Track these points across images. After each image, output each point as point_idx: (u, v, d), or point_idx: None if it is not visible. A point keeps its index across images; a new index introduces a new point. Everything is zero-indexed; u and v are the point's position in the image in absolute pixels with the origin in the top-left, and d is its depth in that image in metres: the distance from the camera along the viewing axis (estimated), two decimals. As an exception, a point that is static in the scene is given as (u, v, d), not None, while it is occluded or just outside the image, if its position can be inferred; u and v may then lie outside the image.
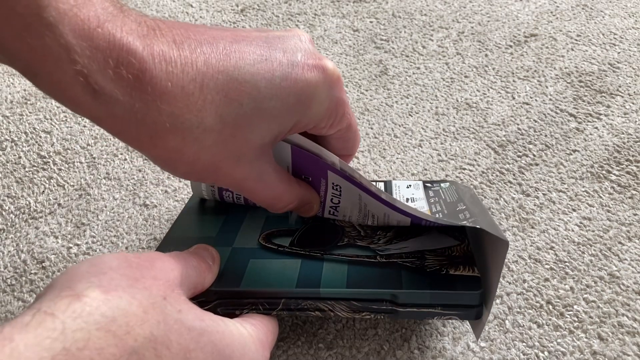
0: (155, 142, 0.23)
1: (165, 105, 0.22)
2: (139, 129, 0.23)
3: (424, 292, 0.27)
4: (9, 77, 0.58)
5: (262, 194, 0.28)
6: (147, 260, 0.23)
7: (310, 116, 0.26)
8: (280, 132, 0.26)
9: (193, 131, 0.23)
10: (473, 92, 0.52)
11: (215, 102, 0.23)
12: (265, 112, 0.24)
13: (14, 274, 0.38)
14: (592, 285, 0.34)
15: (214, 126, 0.23)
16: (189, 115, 0.23)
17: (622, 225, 0.38)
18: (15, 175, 0.46)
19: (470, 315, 0.28)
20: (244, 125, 0.24)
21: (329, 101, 0.26)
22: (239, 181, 0.27)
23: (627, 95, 0.50)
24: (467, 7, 0.65)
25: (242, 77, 0.24)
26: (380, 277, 0.28)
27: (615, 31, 0.58)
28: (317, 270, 0.29)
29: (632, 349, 0.31)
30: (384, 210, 0.31)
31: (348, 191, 0.31)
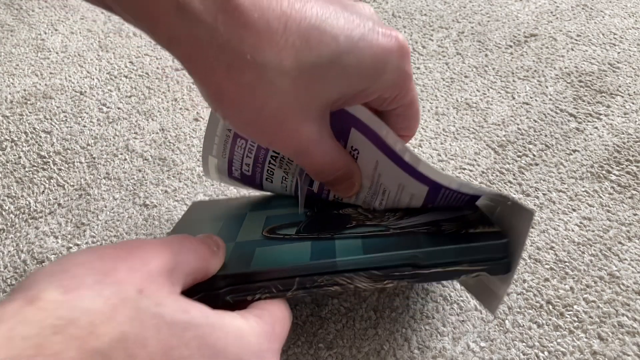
0: (230, 74, 0.22)
1: (249, 36, 0.21)
2: (217, 56, 0.22)
3: (448, 249, 0.26)
4: (8, 77, 0.58)
5: (318, 158, 0.27)
6: (125, 249, 0.21)
7: (379, 84, 0.25)
8: (348, 94, 0.25)
9: (270, 71, 0.22)
10: (473, 92, 0.52)
11: (296, 46, 0.22)
12: (340, 68, 0.24)
13: (13, 274, 0.38)
14: (592, 285, 0.34)
15: (291, 71, 0.23)
16: (270, 52, 0.22)
17: (622, 225, 0.38)
18: (15, 175, 0.46)
19: (499, 268, 0.26)
20: (319, 77, 0.23)
21: (399, 71, 0.25)
22: (300, 141, 0.25)
23: (627, 95, 0.50)
24: (467, 7, 0.65)
25: (324, 27, 0.23)
26: (398, 244, 0.26)
27: (615, 31, 0.58)
28: (330, 247, 0.27)
29: (632, 349, 0.31)
30: (399, 181, 0.30)
31: (365, 157, 0.29)
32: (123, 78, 0.57)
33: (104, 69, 0.59)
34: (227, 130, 0.33)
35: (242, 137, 0.33)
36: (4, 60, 0.61)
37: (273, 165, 0.33)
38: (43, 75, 0.58)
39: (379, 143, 0.28)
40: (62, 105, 0.54)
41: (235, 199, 0.39)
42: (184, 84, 0.56)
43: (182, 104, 0.53)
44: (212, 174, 0.35)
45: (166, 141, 0.48)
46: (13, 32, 0.66)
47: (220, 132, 0.33)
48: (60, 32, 0.65)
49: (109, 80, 0.57)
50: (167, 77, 0.57)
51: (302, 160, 0.27)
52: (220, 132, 0.33)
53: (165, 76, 0.57)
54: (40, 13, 0.69)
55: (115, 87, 0.56)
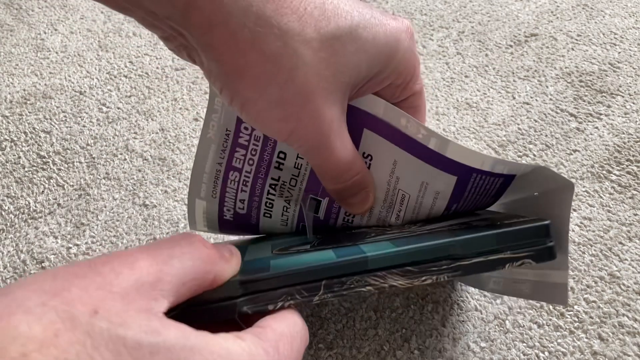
0: (254, 42, 0.21)
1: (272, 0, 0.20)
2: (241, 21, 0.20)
3: (487, 234, 0.23)
4: (8, 77, 0.58)
5: (337, 153, 0.25)
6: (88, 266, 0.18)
7: (392, 68, 0.25)
8: (364, 77, 0.24)
9: (294, 39, 0.21)
10: (473, 92, 0.52)
11: (315, 15, 0.22)
12: (358, 43, 0.23)
13: (13, 274, 0.38)
14: (592, 285, 0.34)
15: (313, 41, 0.22)
16: (292, 18, 0.21)
17: (623, 226, 0.38)
18: (14, 175, 0.46)
19: (545, 253, 0.24)
20: (339, 50, 0.23)
21: (410, 54, 0.25)
22: (323, 126, 0.24)
23: (628, 95, 0.49)
24: (467, 7, 0.65)
25: (336, 5, 0.23)
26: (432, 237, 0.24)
27: (615, 31, 0.58)
28: (356, 247, 0.24)
29: (632, 349, 0.31)
30: (422, 178, 0.27)
31: (380, 161, 0.28)
32: (123, 78, 0.57)
33: (104, 69, 0.59)
34: (217, 165, 0.30)
35: (235, 170, 0.30)
36: (3, 60, 0.61)
37: (272, 195, 0.31)
38: (43, 75, 0.58)
39: (397, 137, 0.27)
40: (62, 105, 0.54)
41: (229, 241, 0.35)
42: (184, 84, 0.55)
43: (182, 104, 0.53)
44: (199, 224, 0.33)
45: (166, 141, 0.48)
46: (13, 31, 0.66)
47: (210, 168, 0.30)
48: (60, 32, 0.65)
49: (109, 80, 0.57)
50: (167, 77, 0.57)
51: (321, 156, 0.25)
52: (210, 169, 0.30)
53: (165, 76, 0.57)
54: (39, 13, 0.69)
55: (114, 87, 0.56)
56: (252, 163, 0.30)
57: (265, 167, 0.30)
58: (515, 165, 0.25)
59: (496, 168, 0.26)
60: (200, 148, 0.30)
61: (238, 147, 0.30)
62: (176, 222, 0.41)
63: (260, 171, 0.30)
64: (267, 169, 0.30)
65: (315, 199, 0.31)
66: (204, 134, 0.30)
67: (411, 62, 0.25)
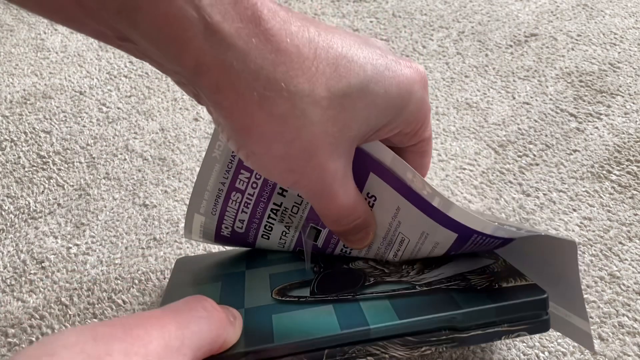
0: (262, 104, 0.21)
1: (282, 63, 0.20)
2: (249, 84, 0.20)
3: (487, 308, 0.24)
4: (8, 77, 0.58)
5: (340, 201, 0.25)
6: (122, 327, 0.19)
7: (403, 117, 0.25)
8: (373, 128, 0.24)
9: (303, 99, 0.21)
10: (473, 92, 0.52)
11: (326, 74, 0.21)
12: (369, 98, 0.23)
13: (13, 274, 0.38)
14: (592, 285, 0.34)
15: (322, 100, 0.22)
16: (302, 79, 0.21)
17: (623, 226, 0.38)
18: (14, 175, 0.46)
19: (540, 327, 0.25)
20: (348, 107, 0.23)
21: (422, 103, 0.25)
22: (326, 178, 0.24)
23: (628, 95, 0.49)
24: (467, 7, 0.65)
25: (351, 56, 0.22)
26: (431, 303, 0.25)
27: (615, 31, 0.58)
28: (357, 310, 0.25)
29: (632, 349, 0.31)
30: (422, 229, 0.28)
31: (384, 204, 0.28)
32: (123, 78, 0.57)
33: (104, 69, 0.58)
34: (220, 184, 0.30)
35: (237, 191, 0.30)
36: (3, 60, 0.61)
37: (273, 220, 0.31)
38: (42, 75, 0.58)
39: (402, 188, 0.27)
40: (62, 105, 0.54)
41: (222, 253, 0.36)
42: (184, 83, 0.55)
43: (182, 104, 0.53)
44: (194, 234, 0.32)
45: (166, 141, 0.48)
46: (12, 31, 0.66)
47: (212, 186, 0.30)
48: (60, 32, 0.65)
49: (109, 80, 0.57)
50: (167, 77, 0.57)
51: (323, 203, 0.26)
52: (212, 187, 0.30)
53: (165, 76, 0.57)
54: (40, 13, 0.69)
55: (114, 87, 0.56)
56: (255, 187, 0.30)
57: (269, 192, 0.30)
58: (516, 233, 0.25)
59: (497, 233, 0.26)
60: (204, 165, 0.30)
61: (243, 169, 0.30)
62: (176, 222, 0.41)
63: (262, 195, 0.30)
64: (270, 194, 0.30)
65: (316, 228, 0.30)
66: (209, 153, 0.30)
67: (422, 112, 0.25)
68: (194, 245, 0.39)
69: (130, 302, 0.35)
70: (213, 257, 0.34)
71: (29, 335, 0.34)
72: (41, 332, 0.34)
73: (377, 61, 0.23)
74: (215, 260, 0.34)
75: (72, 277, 0.37)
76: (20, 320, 0.35)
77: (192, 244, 0.39)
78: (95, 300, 0.36)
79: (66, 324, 0.34)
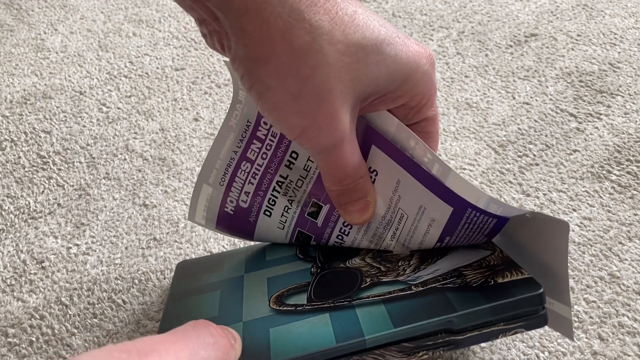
0: (285, 32, 0.21)
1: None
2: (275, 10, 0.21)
3: (482, 309, 0.24)
4: (8, 77, 0.58)
5: (347, 156, 0.26)
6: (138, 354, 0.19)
7: (409, 86, 0.26)
8: (380, 90, 0.25)
9: (323, 37, 0.22)
10: (473, 92, 0.52)
11: (345, 21, 0.23)
12: (380, 56, 0.24)
13: (13, 274, 0.38)
14: (592, 285, 0.34)
15: (339, 43, 0.23)
16: (324, 17, 0.22)
17: (623, 226, 0.38)
18: (14, 175, 0.46)
19: (537, 322, 0.25)
20: (362, 59, 0.23)
21: (428, 78, 0.26)
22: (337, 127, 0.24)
23: (628, 95, 0.50)
24: (467, 7, 0.65)
25: (367, 17, 0.24)
26: (426, 307, 0.25)
27: (615, 31, 0.58)
28: (352, 318, 0.25)
29: (632, 349, 0.31)
30: (420, 202, 0.28)
31: (384, 178, 0.28)
32: (123, 78, 0.57)
33: (104, 69, 0.59)
34: (232, 153, 0.32)
35: (247, 160, 0.31)
36: (3, 60, 0.61)
37: (277, 193, 0.31)
38: (43, 75, 0.58)
39: (403, 159, 0.27)
40: (62, 105, 0.54)
41: (224, 254, 0.36)
42: (184, 84, 0.55)
43: (182, 104, 0.53)
44: (198, 212, 0.33)
45: (166, 141, 0.48)
46: (13, 32, 0.66)
47: (225, 155, 0.32)
48: (60, 32, 0.65)
49: (109, 80, 0.57)
50: (167, 77, 0.57)
51: (330, 157, 0.26)
52: (225, 155, 0.32)
53: (165, 76, 0.57)
54: (39, 13, 0.69)
55: (115, 87, 0.56)
56: (265, 157, 0.31)
57: (276, 164, 0.31)
58: (509, 208, 0.26)
59: (490, 207, 0.26)
60: (220, 135, 0.31)
61: (255, 139, 0.31)
62: (176, 222, 0.41)
63: (270, 166, 0.31)
64: (277, 166, 0.31)
65: (317, 204, 0.31)
66: (227, 122, 0.31)
67: (428, 86, 0.26)
68: (194, 245, 0.39)
69: (130, 302, 0.35)
70: (213, 261, 0.35)
71: (29, 335, 0.34)
72: (41, 332, 0.34)
73: (389, 29, 0.25)
74: (215, 264, 0.34)
75: (72, 277, 0.37)
76: (20, 320, 0.35)
77: (191, 244, 0.39)
78: (96, 300, 0.36)
79: (66, 324, 0.34)
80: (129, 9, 0.69)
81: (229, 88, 0.55)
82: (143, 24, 0.66)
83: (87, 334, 0.34)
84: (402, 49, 0.25)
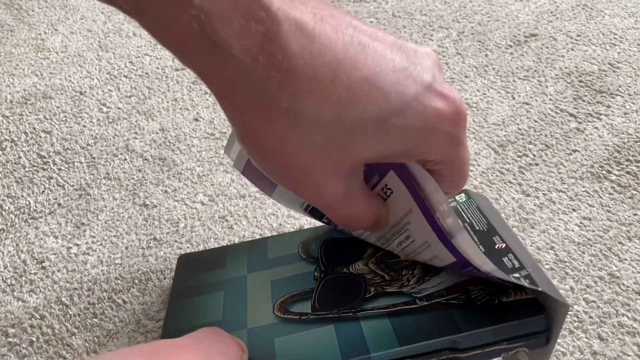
0: (261, 122, 0.20)
1: (290, 83, 0.19)
2: (250, 99, 0.20)
3: (486, 330, 0.24)
4: (8, 77, 0.58)
5: (345, 212, 0.25)
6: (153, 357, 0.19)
7: (424, 149, 0.23)
8: (386, 155, 0.23)
9: (306, 122, 0.20)
10: (473, 92, 0.52)
11: (341, 100, 0.20)
12: (384, 128, 0.21)
13: (13, 274, 0.38)
14: (592, 285, 0.34)
15: (328, 126, 0.21)
16: (310, 103, 0.20)
17: (622, 225, 0.38)
18: (15, 175, 0.46)
19: (539, 342, 0.25)
20: (358, 135, 0.21)
21: (449, 137, 0.23)
22: (326, 196, 0.23)
23: (627, 95, 0.50)
24: (467, 7, 0.65)
25: (375, 80, 0.20)
26: (432, 324, 0.25)
27: (615, 31, 0.58)
28: (357, 332, 0.25)
29: (632, 349, 0.31)
30: (426, 238, 0.27)
31: (398, 200, 0.27)
32: (123, 78, 0.57)
33: (104, 69, 0.59)
34: None
35: None
36: (4, 60, 0.61)
37: None
38: (43, 75, 0.58)
39: (418, 197, 0.26)
40: (62, 105, 0.54)
41: (225, 248, 0.35)
42: (184, 84, 0.56)
43: (182, 104, 0.53)
44: (233, 151, 0.32)
45: (166, 141, 0.48)
46: (13, 32, 0.66)
47: None
48: (60, 32, 0.65)
49: (109, 80, 0.57)
50: (167, 77, 0.57)
51: (327, 213, 0.25)
52: None
53: (165, 76, 0.57)
54: (40, 13, 0.69)
55: (115, 87, 0.56)
56: None
57: None
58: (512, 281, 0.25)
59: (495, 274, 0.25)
60: None
61: None
62: (176, 222, 0.41)
63: None
64: None
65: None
66: None
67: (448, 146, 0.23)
68: (194, 245, 0.39)
69: (130, 302, 0.35)
70: (215, 256, 0.34)
71: (29, 335, 0.34)
72: (41, 332, 0.34)
73: (407, 88, 0.21)
74: (217, 260, 0.34)
75: (72, 277, 0.37)
76: (21, 320, 0.35)
77: (191, 244, 0.39)
78: (96, 300, 0.36)
79: (66, 324, 0.34)
80: (129, 9, 0.69)
81: (229, 88, 0.54)
82: (143, 24, 0.66)
83: (87, 334, 0.34)
84: (418, 114, 0.21)
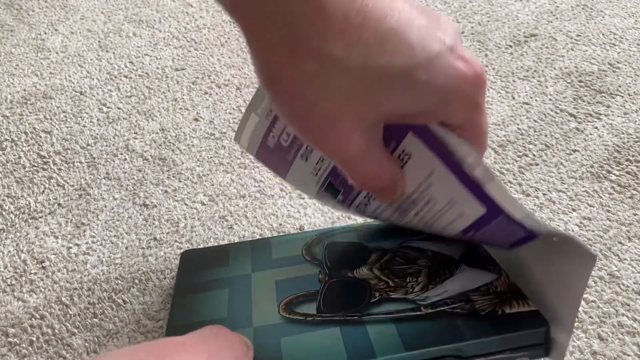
0: (292, 58, 0.20)
1: (321, 22, 0.20)
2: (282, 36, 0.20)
3: (490, 340, 0.25)
4: (8, 77, 0.58)
5: (364, 169, 0.25)
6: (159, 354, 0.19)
7: (445, 109, 0.23)
8: (409, 112, 0.23)
9: (334, 64, 0.20)
10: (473, 92, 0.52)
11: (369, 46, 0.20)
12: (410, 82, 0.21)
13: (14, 274, 0.38)
14: (592, 285, 0.34)
15: (355, 71, 0.21)
16: (339, 45, 0.20)
17: (622, 225, 0.38)
18: (15, 175, 0.46)
19: (540, 352, 0.26)
20: (384, 85, 0.21)
21: (470, 101, 0.23)
22: (347, 149, 0.23)
23: (627, 95, 0.50)
24: (467, 7, 0.65)
25: (404, 33, 0.21)
26: (437, 332, 0.26)
27: (615, 31, 0.58)
28: (363, 336, 0.26)
29: (632, 349, 0.31)
30: (452, 195, 0.26)
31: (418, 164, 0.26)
32: (123, 78, 0.57)
33: (104, 69, 0.59)
34: None
35: None
36: (4, 60, 0.61)
37: None
38: (43, 75, 0.58)
39: (442, 153, 0.25)
40: (62, 105, 0.54)
41: (229, 246, 0.35)
42: (184, 84, 0.56)
43: (182, 104, 0.53)
44: (243, 137, 0.32)
45: (166, 141, 0.48)
46: (13, 32, 0.66)
47: None
48: (60, 32, 0.65)
49: (109, 80, 0.57)
50: (167, 77, 0.57)
51: (346, 169, 0.25)
52: None
53: (165, 76, 0.57)
54: (40, 13, 0.69)
55: (115, 87, 0.56)
56: None
57: None
58: (544, 226, 0.25)
59: (525, 221, 0.25)
60: None
61: None
62: (176, 222, 0.41)
63: None
64: None
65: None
66: None
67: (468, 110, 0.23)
68: (194, 245, 0.39)
69: (130, 301, 0.35)
70: (218, 253, 0.34)
71: (30, 335, 0.34)
72: (41, 332, 0.34)
73: (431, 46, 0.21)
74: (221, 257, 0.34)
75: (72, 277, 0.37)
76: (21, 320, 0.35)
77: (192, 244, 0.39)
78: (96, 300, 0.36)
79: (66, 324, 0.34)
80: (129, 9, 0.69)
81: (229, 88, 0.55)
82: (143, 24, 0.66)
83: (87, 334, 0.34)
84: (441, 72, 0.22)
